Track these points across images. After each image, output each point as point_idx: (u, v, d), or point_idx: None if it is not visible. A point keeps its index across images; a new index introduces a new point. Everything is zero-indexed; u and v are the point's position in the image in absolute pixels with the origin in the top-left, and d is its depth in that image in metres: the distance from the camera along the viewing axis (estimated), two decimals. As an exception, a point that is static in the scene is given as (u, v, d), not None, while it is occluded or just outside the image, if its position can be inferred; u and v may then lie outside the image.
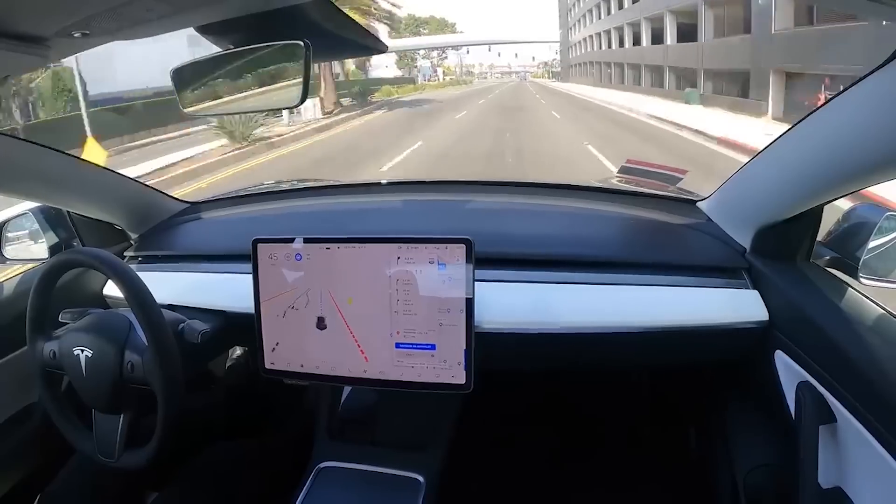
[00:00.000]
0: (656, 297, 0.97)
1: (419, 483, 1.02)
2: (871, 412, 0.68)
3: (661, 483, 1.34)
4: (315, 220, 1.38)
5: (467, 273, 0.89)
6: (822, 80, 10.67)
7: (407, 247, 0.91)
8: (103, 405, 0.94)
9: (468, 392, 0.93)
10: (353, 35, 0.76)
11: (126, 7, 0.56)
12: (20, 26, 0.58)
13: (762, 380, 0.93)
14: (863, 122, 0.63)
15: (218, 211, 1.45)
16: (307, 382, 1.00)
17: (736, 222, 1.01)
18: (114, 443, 0.94)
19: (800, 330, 0.84)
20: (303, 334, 0.97)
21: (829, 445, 0.77)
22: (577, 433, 1.56)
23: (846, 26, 9.23)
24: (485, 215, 1.29)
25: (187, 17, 0.66)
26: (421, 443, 1.09)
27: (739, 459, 0.98)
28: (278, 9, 0.65)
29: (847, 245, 0.91)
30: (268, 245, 0.97)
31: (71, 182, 1.13)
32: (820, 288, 0.87)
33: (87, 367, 0.91)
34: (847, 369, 0.72)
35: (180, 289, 1.14)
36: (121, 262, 0.94)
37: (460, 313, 0.90)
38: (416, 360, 0.93)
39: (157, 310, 0.90)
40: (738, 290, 0.96)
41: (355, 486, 1.03)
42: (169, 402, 0.89)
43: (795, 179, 0.80)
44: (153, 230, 1.34)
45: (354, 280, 0.94)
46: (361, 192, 1.58)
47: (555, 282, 1.00)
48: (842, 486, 0.76)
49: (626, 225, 1.18)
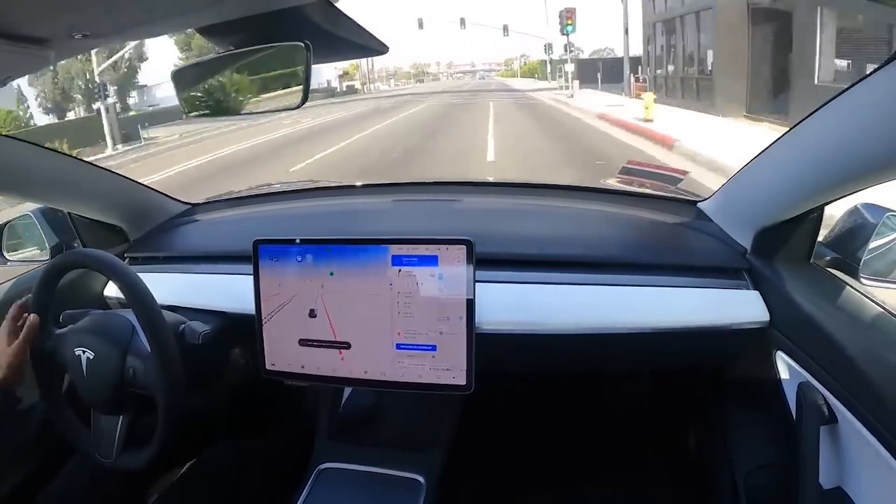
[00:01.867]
0: (657, 298, 0.97)
1: (420, 484, 1.02)
2: (871, 412, 0.68)
3: (661, 483, 1.34)
4: (316, 222, 1.38)
5: (468, 274, 0.89)
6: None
7: (408, 248, 0.91)
8: (103, 406, 0.94)
9: (469, 393, 0.93)
10: (354, 36, 0.76)
11: (127, 9, 0.57)
12: (22, 28, 0.58)
13: (763, 380, 0.93)
14: (864, 123, 0.63)
15: (218, 212, 1.45)
16: (307, 383, 1.00)
17: (737, 223, 1.01)
18: (112, 443, 0.94)
19: (800, 330, 0.84)
20: (303, 335, 0.97)
21: (829, 446, 0.76)
22: (578, 434, 1.56)
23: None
24: (486, 216, 1.29)
25: (188, 18, 0.66)
26: (421, 444, 1.09)
27: (740, 460, 0.98)
28: (279, 10, 0.65)
29: (848, 245, 0.91)
30: (268, 246, 0.97)
31: (71, 183, 1.13)
32: (821, 288, 0.87)
33: (88, 368, 0.91)
34: (848, 370, 0.72)
35: (181, 290, 1.14)
36: (121, 263, 0.94)
37: (461, 314, 0.90)
38: (416, 361, 0.93)
39: (158, 312, 0.90)
40: (738, 290, 0.96)
41: (356, 487, 1.03)
42: (170, 408, 0.89)
43: (796, 180, 0.80)
44: (153, 231, 1.34)
45: (355, 281, 0.94)
46: (362, 193, 1.58)
47: (556, 283, 1.00)
48: (843, 486, 0.76)
49: (627, 226, 1.18)
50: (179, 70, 0.83)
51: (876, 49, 7.05)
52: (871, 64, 3.02)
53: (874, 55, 6.94)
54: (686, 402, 1.37)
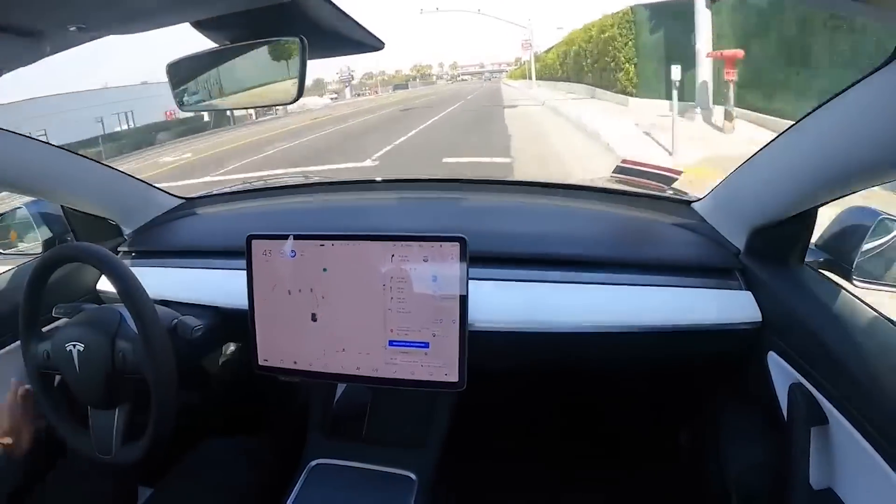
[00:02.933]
0: (650, 297, 0.97)
1: (412, 481, 1.02)
2: (862, 414, 0.69)
3: (653, 483, 1.34)
4: (309, 217, 1.38)
5: (461, 271, 0.89)
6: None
7: (401, 245, 0.91)
8: (98, 399, 0.94)
9: (461, 390, 0.93)
10: (350, 31, 0.76)
11: (122, 2, 0.56)
12: (16, 19, 0.57)
13: (755, 381, 0.93)
14: (859, 124, 0.63)
15: (212, 207, 1.45)
16: (300, 379, 1.00)
17: (730, 223, 1.02)
18: (110, 439, 0.94)
19: (793, 332, 0.85)
20: (296, 331, 0.97)
21: (820, 447, 0.77)
22: (570, 432, 1.57)
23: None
24: (480, 214, 1.29)
25: (184, 12, 0.66)
26: (414, 441, 1.09)
27: (731, 460, 0.98)
28: (275, 4, 0.65)
29: (841, 248, 0.91)
30: (262, 241, 0.97)
31: (65, 177, 1.13)
32: (813, 290, 0.87)
33: (79, 361, 0.91)
34: (839, 371, 0.73)
35: (174, 285, 1.14)
36: (114, 256, 0.94)
37: (454, 312, 0.90)
38: (409, 358, 0.93)
39: (148, 304, 0.90)
40: (731, 291, 0.96)
41: (348, 484, 1.03)
42: (162, 390, 0.89)
43: (790, 181, 0.80)
44: (147, 226, 1.34)
45: (348, 277, 0.94)
46: (356, 189, 1.58)
47: (549, 281, 1.00)
48: (833, 487, 0.77)
49: (621, 225, 1.18)
50: (174, 63, 0.83)
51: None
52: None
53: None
54: (678, 401, 1.38)
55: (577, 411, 1.60)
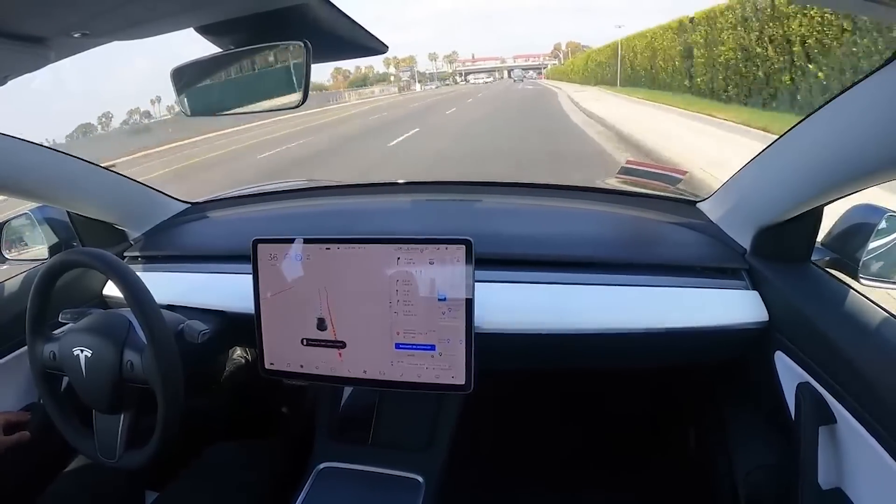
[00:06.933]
0: (657, 298, 0.97)
1: (419, 484, 1.02)
2: (870, 413, 0.68)
3: (660, 484, 1.34)
4: (315, 221, 1.38)
5: (467, 274, 0.89)
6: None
7: (407, 247, 0.91)
8: (104, 405, 0.94)
9: (468, 393, 0.93)
10: (354, 36, 0.76)
11: (127, 7, 0.56)
12: (20, 26, 0.58)
13: (762, 380, 0.93)
14: (863, 123, 0.63)
15: (218, 211, 1.45)
16: (307, 383, 1.00)
17: (736, 223, 1.01)
18: (114, 443, 0.94)
19: (800, 331, 0.84)
20: (302, 335, 0.97)
21: (828, 446, 0.77)
22: (577, 434, 1.56)
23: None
24: (486, 216, 1.29)
25: (188, 16, 0.66)
26: (421, 444, 1.09)
27: (739, 460, 0.98)
28: (279, 9, 0.65)
29: (847, 246, 0.90)
30: (268, 245, 0.97)
31: (70, 182, 1.13)
32: (820, 289, 0.87)
33: (86, 367, 0.91)
34: (847, 370, 0.72)
35: (180, 289, 1.14)
36: (120, 262, 0.94)
37: (460, 314, 0.90)
38: (416, 361, 0.93)
39: (156, 309, 0.90)
40: (738, 290, 0.96)
41: (355, 487, 1.03)
42: (169, 401, 0.89)
43: (796, 180, 0.80)
44: (153, 230, 1.34)
45: (354, 281, 0.94)
46: (361, 192, 1.58)
47: (555, 283, 1.00)
48: (841, 486, 0.76)
49: (627, 226, 1.18)
50: (178, 69, 0.83)
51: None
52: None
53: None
54: (685, 402, 1.37)
55: (584, 413, 1.59)
